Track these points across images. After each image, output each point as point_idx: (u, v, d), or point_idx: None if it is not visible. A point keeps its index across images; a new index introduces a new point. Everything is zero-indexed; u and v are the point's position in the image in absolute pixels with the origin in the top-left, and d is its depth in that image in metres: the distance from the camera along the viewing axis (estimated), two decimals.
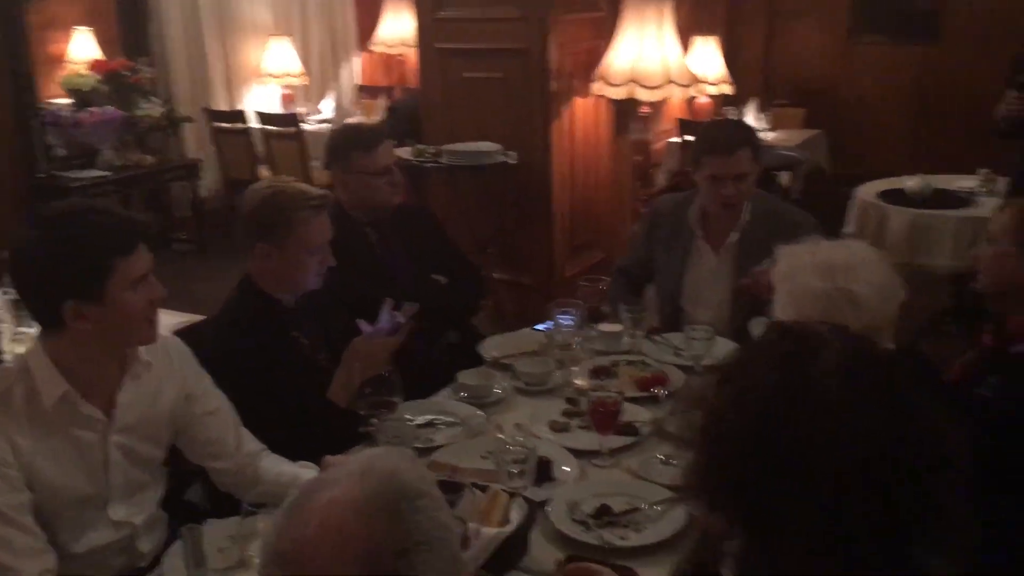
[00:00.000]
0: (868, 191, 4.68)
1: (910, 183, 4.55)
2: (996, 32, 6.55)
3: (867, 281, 1.76)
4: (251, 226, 2.26)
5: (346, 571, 0.85)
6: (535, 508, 1.86)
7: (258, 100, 7.53)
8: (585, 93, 4.89)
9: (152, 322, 1.79)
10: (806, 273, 1.79)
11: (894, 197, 4.54)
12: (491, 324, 4.04)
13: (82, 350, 1.74)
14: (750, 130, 2.94)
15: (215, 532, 1.73)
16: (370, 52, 8.19)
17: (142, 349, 1.87)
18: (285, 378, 2.21)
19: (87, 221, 1.67)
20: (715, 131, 2.99)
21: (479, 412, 2.37)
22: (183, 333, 2.23)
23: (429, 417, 2.32)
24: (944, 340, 4.36)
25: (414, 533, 0.88)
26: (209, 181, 7.00)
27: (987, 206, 4.26)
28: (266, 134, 6.66)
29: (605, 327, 2.78)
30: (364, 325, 2.38)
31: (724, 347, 2.64)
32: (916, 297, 1.88)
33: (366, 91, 8.03)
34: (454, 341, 3.09)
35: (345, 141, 2.91)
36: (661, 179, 6.15)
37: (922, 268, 4.21)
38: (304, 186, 2.30)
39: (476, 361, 2.69)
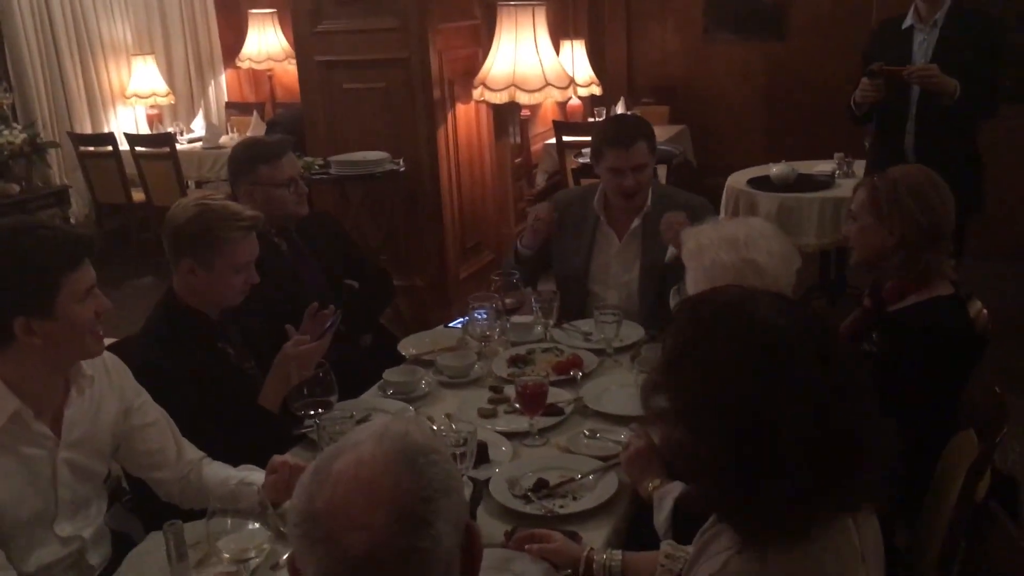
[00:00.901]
0: (738, 179, 4.96)
1: (775, 170, 4.85)
2: (836, 29, 7.06)
3: (768, 251, 1.92)
4: (178, 242, 2.27)
5: (380, 519, 0.95)
6: (480, 486, 1.97)
7: (123, 121, 7.34)
8: (466, 99, 5.01)
9: (98, 334, 1.81)
10: (714, 248, 1.94)
11: (762, 183, 4.82)
12: (393, 327, 4.12)
13: (30, 366, 1.74)
14: (646, 124, 3.09)
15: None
16: (236, 68, 8.10)
17: (85, 364, 1.88)
18: (216, 388, 2.24)
19: (34, 237, 1.68)
20: (614, 126, 3.13)
21: (409, 407, 2.45)
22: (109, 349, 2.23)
23: (365, 413, 2.37)
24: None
25: (433, 482, 0.98)
26: (77, 207, 6.78)
27: (845, 187, 4.61)
28: (137, 155, 6.51)
29: (518, 319, 2.89)
30: (292, 331, 2.43)
31: (632, 329, 2.81)
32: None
33: (235, 107, 7.94)
34: (368, 344, 3.15)
35: (249, 155, 2.94)
36: (540, 180, 6.34)
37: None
38: (235, 206, 2.32)
39: (395, 360, 2.75)
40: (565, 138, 5.92)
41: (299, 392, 2.22)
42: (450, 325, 3.02)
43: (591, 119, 6.67)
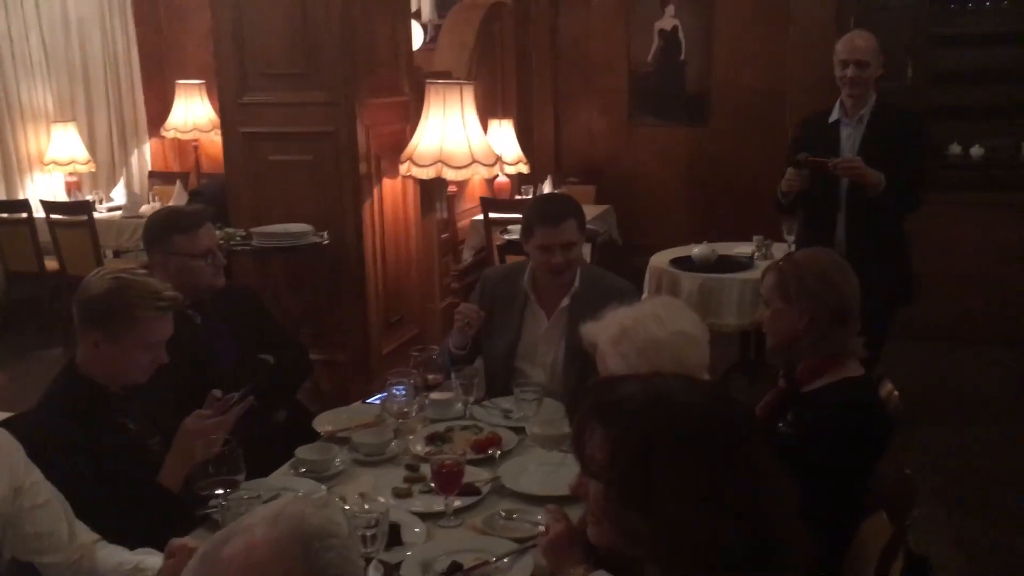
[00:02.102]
0: (660, 259, 5.03)
1: (697, 251, 4.94)
2: (755, 115, 7.33)
3: (691, 320, 1.96)
4: (90, 313, 2.21)
5: None
6: (391, 570, 1.91)
7: (40, 188, 7.17)
8: (393, 174, 5.03)
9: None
10: (642, 327, 1.94)
11: (684, 263, 4.88)
12: (310, 403, 4.05)
13: None
14: (576, 203, 3.14)
15: None
16: (162, 138, 8.02)
17: None
18: (114, 465, 2.15)
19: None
20: (545, 203, 3.20)
21: (321, 486, 2.38)
22: (2, 425, 2.11)
23: (273, 493, 2.27)
24: (737, 391, 4.76)
25: (329, 568, 0.94)
26: None
27: (761, 267, 4.70)
28: (52, 223, 6.35)
29: (437, 395, 2.86)
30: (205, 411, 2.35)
31: (553, 408, 2.78)
32: (711, 352, 2.07)
33: (158, 177, 7.83)
34: (282, 420, 3.08)
35: (165, 224, 2.89)
36: (467, 255, 6.35)
37: (712, 327, 4.55)
38: (155, 283, 2.26)
39: (310, 437, 2.69)
40: (492, 215, 5.96)
41: (203, 470, 2.12)
42: (368, 401, 2.97)
43: (518, 196, 6.75)
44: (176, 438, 2.28)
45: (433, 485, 2.26)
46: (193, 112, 7.78)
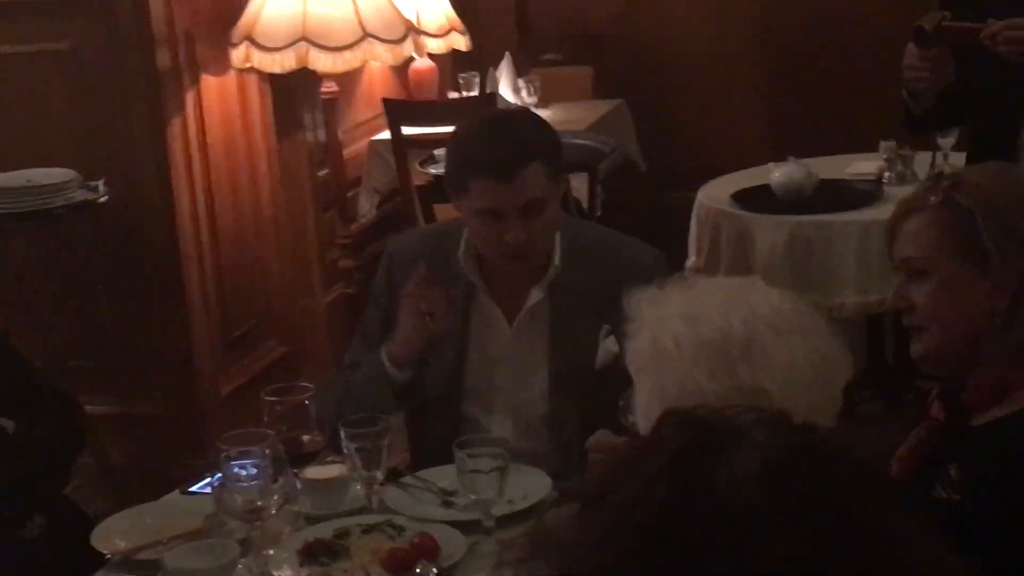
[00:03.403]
0: (715, 192, 5.01)
1: (778, 174, 4.89)
2: None
3: (789, 362, 1.89)
4: None
5: None
6: None
7: None
8: (221, 67, 5.00)
9: None
10: (684, 361, 1.90)
11: (757, 199, 4.88)
12: (90, 498, 4.05)
13: None
14: (542, 128, 3.15)
15: None
16: None
17: None
18: None
19: None
20: (482, 136, 3.17)
21: None
22: None
23: None
24: (861, 421, 4.74)
25: None
26: None
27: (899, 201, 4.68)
28: None
29: (316, 472, 2.89)
30: None
31: (530, 481, 2.85)
32: None
33: None
34: (36, 533, 3.11)
35: None
36: (365, 205, 6.33)
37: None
38: None
39: (87, 561, 2.72)
40: (406, 130, 5.90)
41: None
42: (192, 491, 3.01)
43: (452, 94, 6.67)
44: None
45: None
46: None
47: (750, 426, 1.25)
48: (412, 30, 5.03)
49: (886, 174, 5.06)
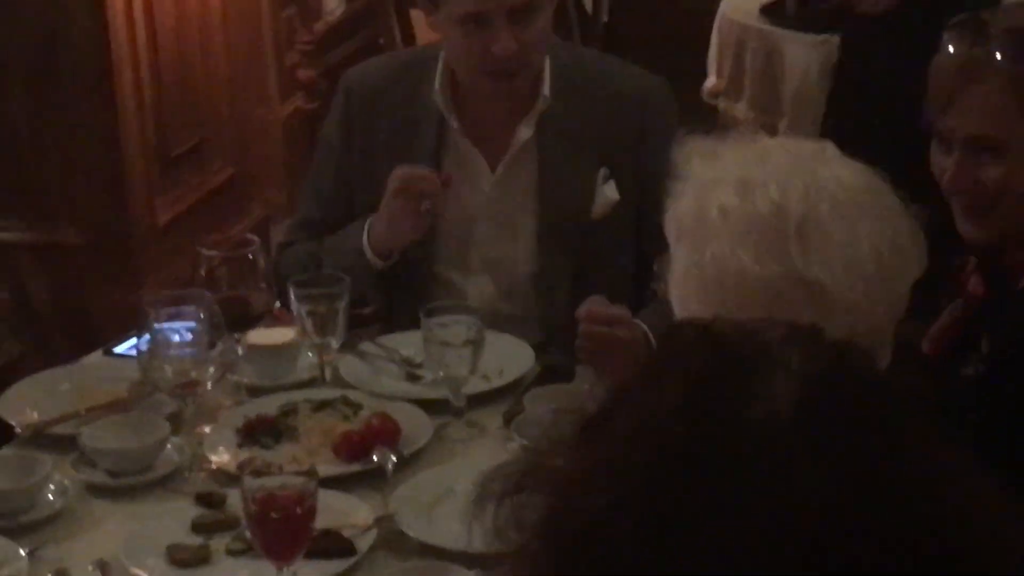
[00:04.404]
0: (739, 3, 4.97)
1: None
2: None
3: (849, 252, 1.82)
4: None
5: None
6: None
7: None
8: None
9: None
10: (729, 235, 1.83)
11: (790, 13, 4.79)
12: (9, 331, 4.07)
13: None
14: None
15: None
16: None
17: None
18: None
19: None
20: None
21: (20, 551, 2.35)
22: None
23: None
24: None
25: None
26: None
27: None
28: None
29: (259, 336, 2.85)
30: None
31: (508, 353, 2.87)
32: None
33: None
34: None
35: None
36: (333, 3, 6.22)
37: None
38: None
39: None
40: None
41: None
42: (117, 352, 2.99)
43: None
44: None
45: (252, 538, 2.30)
46: None
47: (781, 346, 1.17)
48: None
49: None
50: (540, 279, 3.08)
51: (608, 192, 3.01)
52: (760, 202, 1.84)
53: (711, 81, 5.01)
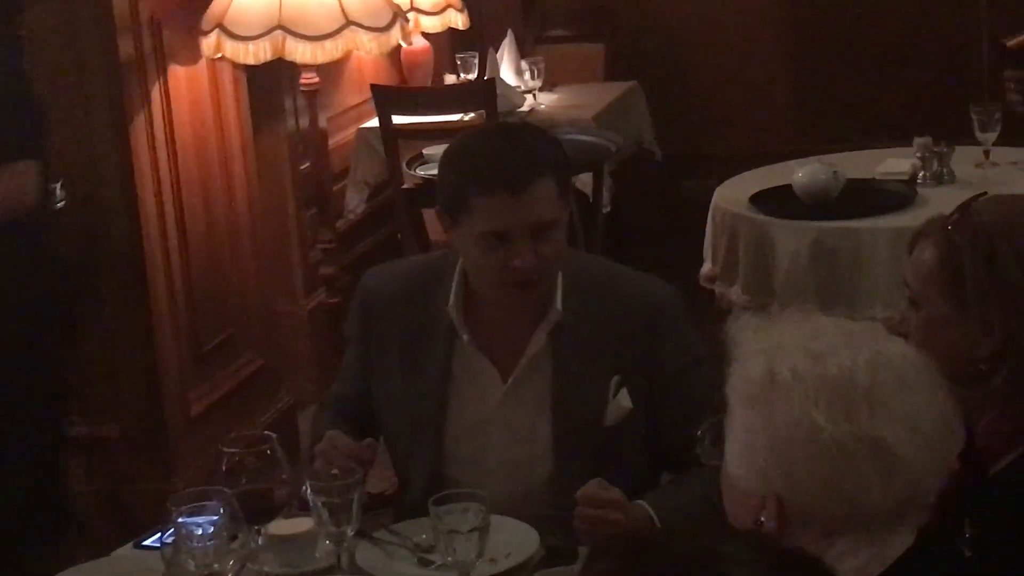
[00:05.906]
0: (731, 194, 4.99)
1: (801, 174, 4.85)
2: None
3: (912, 418, 1.89)
4: None
5: None
6: None
7: None
8: (191, 56, 4.97)
9: None
10: (802, 396, 1.90)
11: (778, 202, 4.86)
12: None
13: None
14: (551, 142, 3.09)
15: None
16: None
17: None
18: None
19: None
20: (487, 146, 3.09)
21: None
22: None
23: None
24: None
25: None
26: None
27: (935, 203, 4.58)
28: None
29: (280, 527, 2.83)
30: None
31: (515, 537, 2.83)
32: None
33: None
34: None
35: None
36: (353, 201, 6.31)
37: None
38: None
39: None
40: (398, 119, 5.85)
41: None
42: (147, 544, 2.96)
43: (449, 78, 6.63)
44: None
45: None
46: None
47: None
48: (400, 16, 4.97)
49: (920, 174, 5.02)
50: (557, 482, 3.05)
51: (622, 401, 3.01)
52: (831, 366, 1.90)
53: (707, 267, 5.05)
